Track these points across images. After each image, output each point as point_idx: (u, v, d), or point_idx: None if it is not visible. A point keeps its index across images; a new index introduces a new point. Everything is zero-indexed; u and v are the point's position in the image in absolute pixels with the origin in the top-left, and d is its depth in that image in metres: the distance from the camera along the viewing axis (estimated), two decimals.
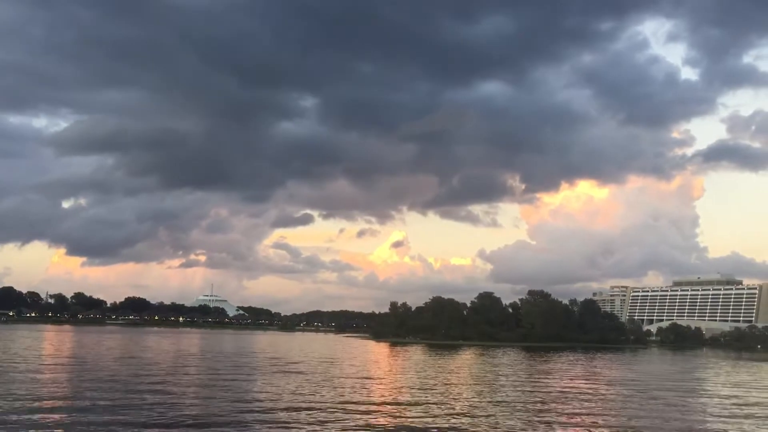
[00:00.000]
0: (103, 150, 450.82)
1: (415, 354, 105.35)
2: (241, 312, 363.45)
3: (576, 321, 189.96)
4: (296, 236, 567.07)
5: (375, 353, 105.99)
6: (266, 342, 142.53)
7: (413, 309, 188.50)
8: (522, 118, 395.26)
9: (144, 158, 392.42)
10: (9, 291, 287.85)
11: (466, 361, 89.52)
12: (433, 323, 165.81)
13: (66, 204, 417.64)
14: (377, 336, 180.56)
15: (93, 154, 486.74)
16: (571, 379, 63.00)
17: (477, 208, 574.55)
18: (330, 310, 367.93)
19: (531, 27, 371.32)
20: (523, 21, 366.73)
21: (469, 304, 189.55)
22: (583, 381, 61.55)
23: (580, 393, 49.61)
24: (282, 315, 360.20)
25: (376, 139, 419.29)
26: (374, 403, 39.67)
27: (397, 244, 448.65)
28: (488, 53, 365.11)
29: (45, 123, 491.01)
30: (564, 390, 51.53)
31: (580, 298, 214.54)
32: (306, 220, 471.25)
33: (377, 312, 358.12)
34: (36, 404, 34.60)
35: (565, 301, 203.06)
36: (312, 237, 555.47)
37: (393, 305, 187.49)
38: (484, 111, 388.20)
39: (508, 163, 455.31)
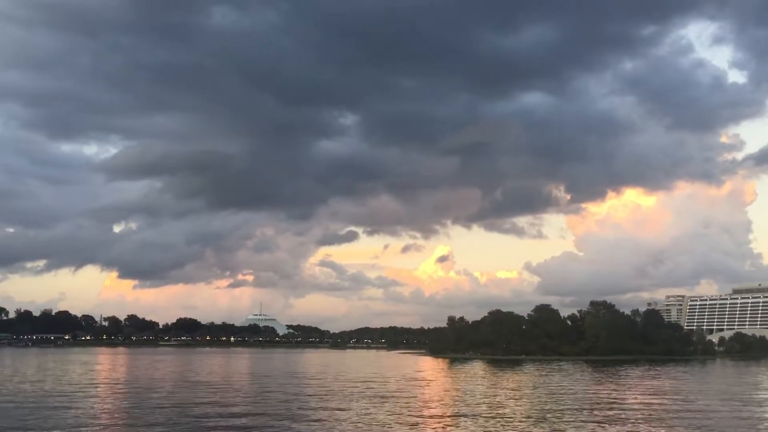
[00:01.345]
0: (152, 174, 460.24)
1: (485, 371, 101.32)
2: (291, 330, 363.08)
3: (639, 332, 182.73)
4: (341, 253, 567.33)
5: (448, 372, 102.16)
6: (326, 361, 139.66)
7: (469, 323, 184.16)
8: (565, 128, 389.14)
9: (191, 181, 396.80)
10: (65, 315, 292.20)
11: (544, 379, 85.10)
12: (493, 338, 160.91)
13: (117, 228, 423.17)
14: (434, 352, 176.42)
15: (142, 178, 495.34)
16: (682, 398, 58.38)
17: (522, 220, 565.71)
18: (377, 326, 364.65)
19: (571, 36, 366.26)
20: (562, 30, 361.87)
21: (526, 317, 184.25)
22: (682, 398, 57.08)
23: (693, 411, 45.43)
24: (330, 332, 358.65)
25: (417, 153, 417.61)
26: None
27: (442, 259, 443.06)
28: (528, 63, 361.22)
29: (95, 150, 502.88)
30: (678, 410, 47.35)
31: (635, 309, 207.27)
32: (350, 237, 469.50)
33: (426, 328, 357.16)
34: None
35: (626, 312, 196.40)
36: (357, 254, 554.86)
37: (451, 320, 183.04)
38: (526, 121, 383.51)
39: (552, 174, 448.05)
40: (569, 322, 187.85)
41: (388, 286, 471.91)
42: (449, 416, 40.97)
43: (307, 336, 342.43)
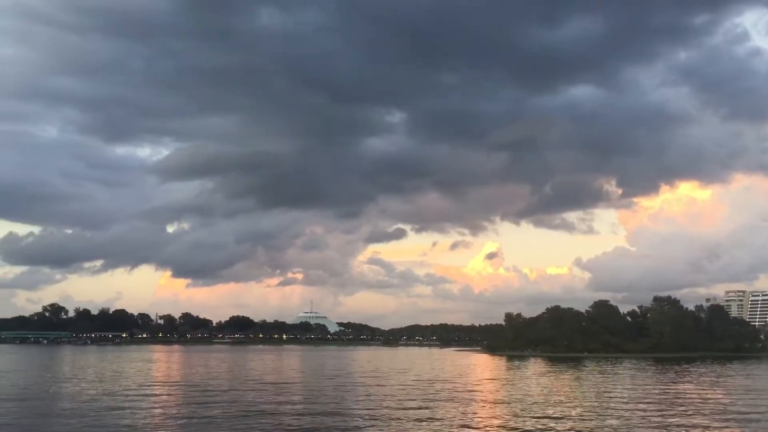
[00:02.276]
0: (203, 175, 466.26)
1: (554, 370, 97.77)
2: (342, 328, 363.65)
3: (704, 328, 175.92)
4: (390, 251, 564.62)
5: (515, 371, 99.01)
6: (382, 358, 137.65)
7: (525, 320, 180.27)
8: (615, 121, 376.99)
9: (241, 181, 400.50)
10: (122, 314, 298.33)
11: (620, 377, 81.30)
12: (553, 334, 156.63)
13: (170, 228, 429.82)
14: (491, 349, 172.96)
15: (194, 179, 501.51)
16: None
17: (572, 216, 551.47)
18: (426, 324, 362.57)
19: (619, 26, 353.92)
20: (610, 21, 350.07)
21: (584, 313, 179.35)
22: None
23: None
24: (381, 330, 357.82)
25: (465, 150, 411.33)
26: None
27: (491, 256, 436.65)
28: (575, 56, 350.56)
29: (149, 152, 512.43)
30: None
31: (690, 305, 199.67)
32: (399, 234, 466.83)
33: (476, 325, 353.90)
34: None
35: (689, 308, 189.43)
36: (405, 251, 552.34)
37: (508, 317, 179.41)
38: (575, 115, 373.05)
39: (602, 168, 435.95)
40: (629, 318, 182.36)
41: (436, 283, 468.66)
42: (547, 418, 38.08)
43: (358, 333, 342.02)
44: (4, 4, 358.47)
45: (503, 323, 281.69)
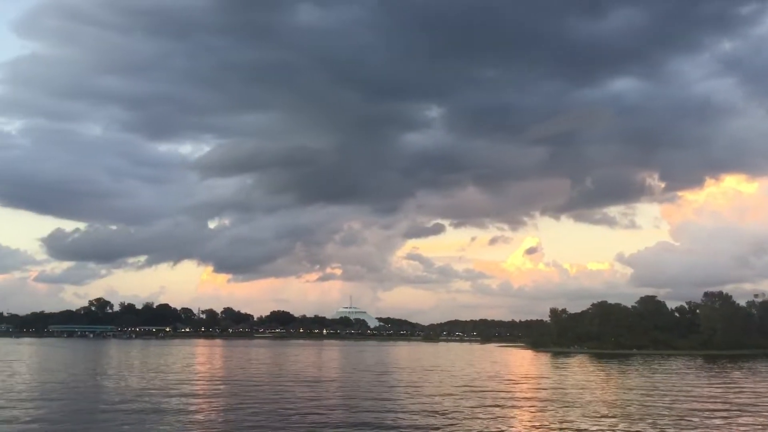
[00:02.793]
0: (243, 171, 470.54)
1: (608, 367, 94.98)
2: (381, 323, 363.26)
3: (756, 325, 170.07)
4: (428, 246, 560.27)
5: (569, 368, 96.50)
6: (426, 354, 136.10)
7: (569, 315, 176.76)
8: (658, 113, 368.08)
9: (280, 177, 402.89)
10: (165, 308, 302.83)
11: (681, 375, 78.25)
12: (600, 331, 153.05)
13: (211, 224, 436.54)
14: (535, 345, 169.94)
15: (234, 175, 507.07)
16: None
17: (613, 210, 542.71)
18: (465, 319, 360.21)
19: (663, 17, 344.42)
20: (654, 11, 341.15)
21: (630, 309, 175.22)
22: None
23: None
24: (420, 325, 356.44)
25: (503, 144, 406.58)
26: None
27: (531, 251, 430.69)
28: (618, 48, 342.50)
29: (190, 149, 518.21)
30: None
31: (741, 301, 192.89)
32: (437, 229, 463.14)
33: (516, 320, 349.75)
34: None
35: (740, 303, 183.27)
36: (444, 246, 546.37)
37: (553, 312, 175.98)
38: (617, 108, 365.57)
39: (645, 162, 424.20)
40: (677, 314, 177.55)
41: (475, 278, 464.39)
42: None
43: (398, 329, 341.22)
44: (50, 5, 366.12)
45: (543, 319, 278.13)
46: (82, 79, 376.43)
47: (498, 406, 41.46)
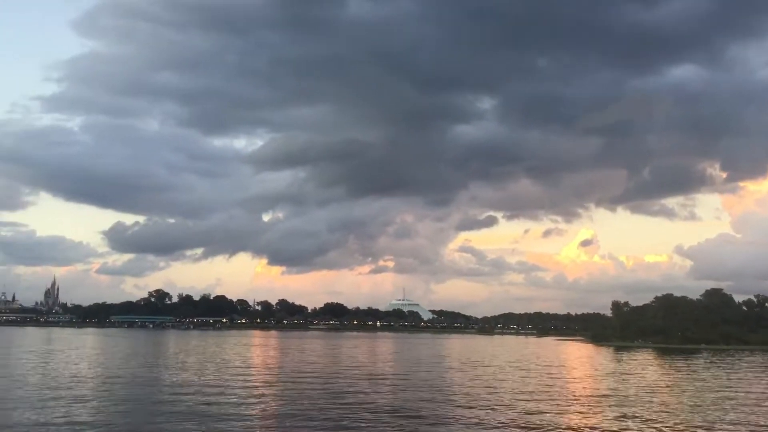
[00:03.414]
0: (296, 164, 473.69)
1: (684, 363, 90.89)
2: (434, 315, 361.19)
3: None
4: (481, 239, 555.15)
5: (635, 363, 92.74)
6: (485, 347, 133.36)
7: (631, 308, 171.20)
8: (719, 101, 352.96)
9: (332, 170, 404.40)
10: (222, 300, 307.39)
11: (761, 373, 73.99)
12: (665, 325, 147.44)
13: (265, 217, 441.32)
14: (596, 339, 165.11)
15: (286, 168, 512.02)
16: None
17: (672, 201, 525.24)
18: (519, 312, 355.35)
19: (725, 2, 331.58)
20: None
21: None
22: None
23: None
24: (474, 318, 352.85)
25: (557, 135, 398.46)
26: None
27: (586, 243, 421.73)
28: (676, 35, 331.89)
29: (244, 143, 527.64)
30: None
31: None
32: (490, 222, 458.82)
33: (572, 314, 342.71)
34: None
35: None
36: (497, 239, 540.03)
37: (615, 305, 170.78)
38: (676, 96, 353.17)
39: (705, 151, 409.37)
40: (744, 308, 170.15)
41: (529, 271, 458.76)
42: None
43: (452, 321, 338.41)
44: (108, 4, 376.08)
45: (599, 312, 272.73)
46: (139, 75, 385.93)
47: (629, 417, 39.00)
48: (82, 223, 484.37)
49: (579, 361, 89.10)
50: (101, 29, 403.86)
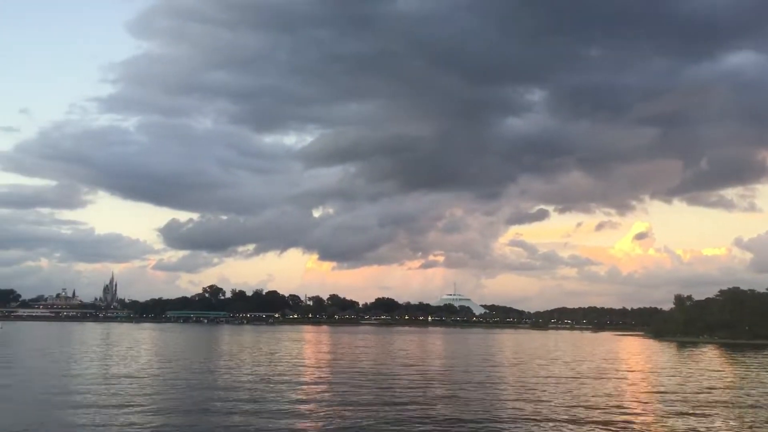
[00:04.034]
0: (346, 160, 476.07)
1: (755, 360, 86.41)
2: (486, 310, 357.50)
3: None
4: (532, 232, 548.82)
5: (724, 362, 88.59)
6: (543, 343, 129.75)
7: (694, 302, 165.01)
8: None
9: (382, 165, 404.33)
10: (274, 295, 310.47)
11: None
12: (733, 319, 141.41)
13: (316, 213, 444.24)
14: (658, 334, 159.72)
15: (337, 164, 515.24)
16: None
17: (730, 192, 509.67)
18: (571, 306, 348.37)
19: None
20: None
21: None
22: None
23: None
24: (527, 312, 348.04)
25: (609, 125, 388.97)
26: None
27: (640, 236, 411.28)
28: (732, 20, 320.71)
29: (294, 139, 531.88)
30: None
31: None
32: (541, 215, 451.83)
33: (627, 308, 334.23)
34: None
35: None
36: (548, 233, 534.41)
37: (678, 299, 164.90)
38: (732, 84, 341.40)
39: (764, 140, 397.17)
40: None
41: (582, 265, 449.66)
42: None
43: (504, 316, 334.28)
44: (161, 6, 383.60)
45: (656, 306, 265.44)
46: (192, 75, 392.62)
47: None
48: (139, 221, 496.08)
49: (650, 357, 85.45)
50: (155, 30, 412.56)
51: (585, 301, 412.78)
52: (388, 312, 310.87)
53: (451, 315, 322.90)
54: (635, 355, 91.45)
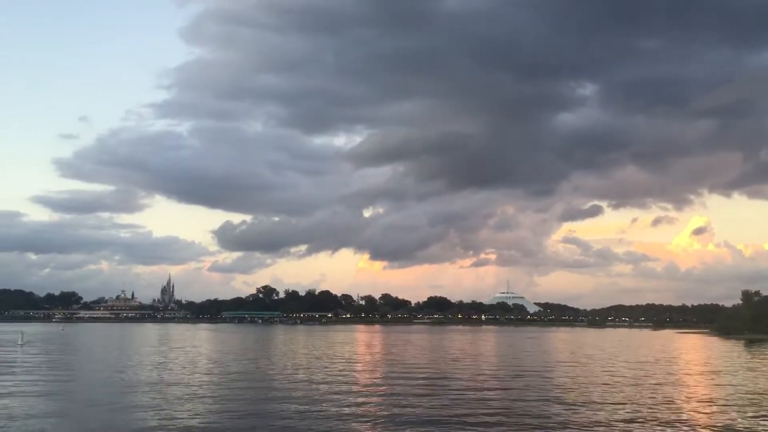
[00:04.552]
0: (394, 159, 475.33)
1: None
2: (540, 308, 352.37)
3: None
4: (585, 229, 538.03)
5: None
6: (611, 341, 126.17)
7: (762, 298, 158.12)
8: None
9: (431, 163, 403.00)
10: (326, 294, 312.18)
11: None
12: None
13: (366, 213, 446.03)
14: (724, 332, 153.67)
15: (386, 164, 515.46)
16: None
17: None
18: (627, 304, 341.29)
19: None
20: None
21: None
22: None
23: None
24: (582, 310, 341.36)
25: (665, 119, 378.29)
26: None
27: (699, 231, 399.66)
28: None
29: (344, 140, 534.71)
30: None
31: None
32: (594, 211, 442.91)
33: (687, 305, 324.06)
34: None
35: None
36: (602, 229, 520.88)
37: (746, 295, 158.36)
38: None
39: None
40: None
41: (638, 261, 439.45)
42: None
43: (559, 314, 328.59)
44: (212, 12, 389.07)
45: (717, 303, 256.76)
46: (242, 79, 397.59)
47: None
48: (194, 224, 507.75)
49: (725, 357, 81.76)
50: (206, 36, 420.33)
51: (641, 298, 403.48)
52: (440, 311, 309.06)
53: (504, 313, 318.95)
54: (706, 354, 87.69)
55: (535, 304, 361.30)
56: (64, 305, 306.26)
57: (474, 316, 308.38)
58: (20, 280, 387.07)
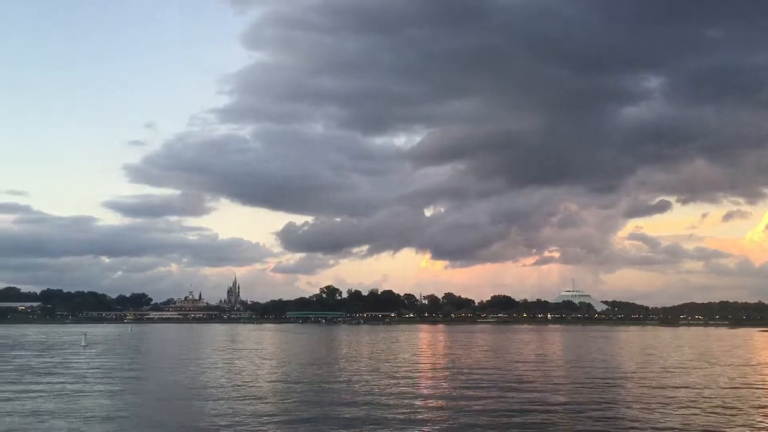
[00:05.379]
0: (454, 158, 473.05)
1: None
2: (607, 307, 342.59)
3: None
4: (653, 225, 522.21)
5: None
6: (699, 341, 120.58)
7: None
8: None
9: (491, 161, 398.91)
10: (389, 294, 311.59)
11: None
12: None
13: (427, 212, 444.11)
14: None
15: (445, 162, 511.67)
16: None
17: None
18: (698, 301, 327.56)
19: None
20: None
21: None
22: None
23: None
24: (651, 308, 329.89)
25: (735, 109, 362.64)
26: None
27: None
28: None
29: (403, 140, 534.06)
30: None
31: None
32: (662, 207, 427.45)
33: (765, 302, 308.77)
34: None
35: None
36: (671, 225, 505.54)
37: None
38: None
39: None
40: None
41: (709, 257, 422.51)
42: None
43: (628, 312, 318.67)
44: (270, 17, 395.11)
45: None
46: (301, 82, 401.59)
47: None
48: (258, 225, 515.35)
49: None
50: (265, 40, 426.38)
51: (713, 295, 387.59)
52: (504, 310, 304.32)
53: (570, 312, 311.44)
54: None
55: (602, 302, 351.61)
56: (135, 306, 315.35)
57: (539, 315, 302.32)
58: (94, 283, 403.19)
